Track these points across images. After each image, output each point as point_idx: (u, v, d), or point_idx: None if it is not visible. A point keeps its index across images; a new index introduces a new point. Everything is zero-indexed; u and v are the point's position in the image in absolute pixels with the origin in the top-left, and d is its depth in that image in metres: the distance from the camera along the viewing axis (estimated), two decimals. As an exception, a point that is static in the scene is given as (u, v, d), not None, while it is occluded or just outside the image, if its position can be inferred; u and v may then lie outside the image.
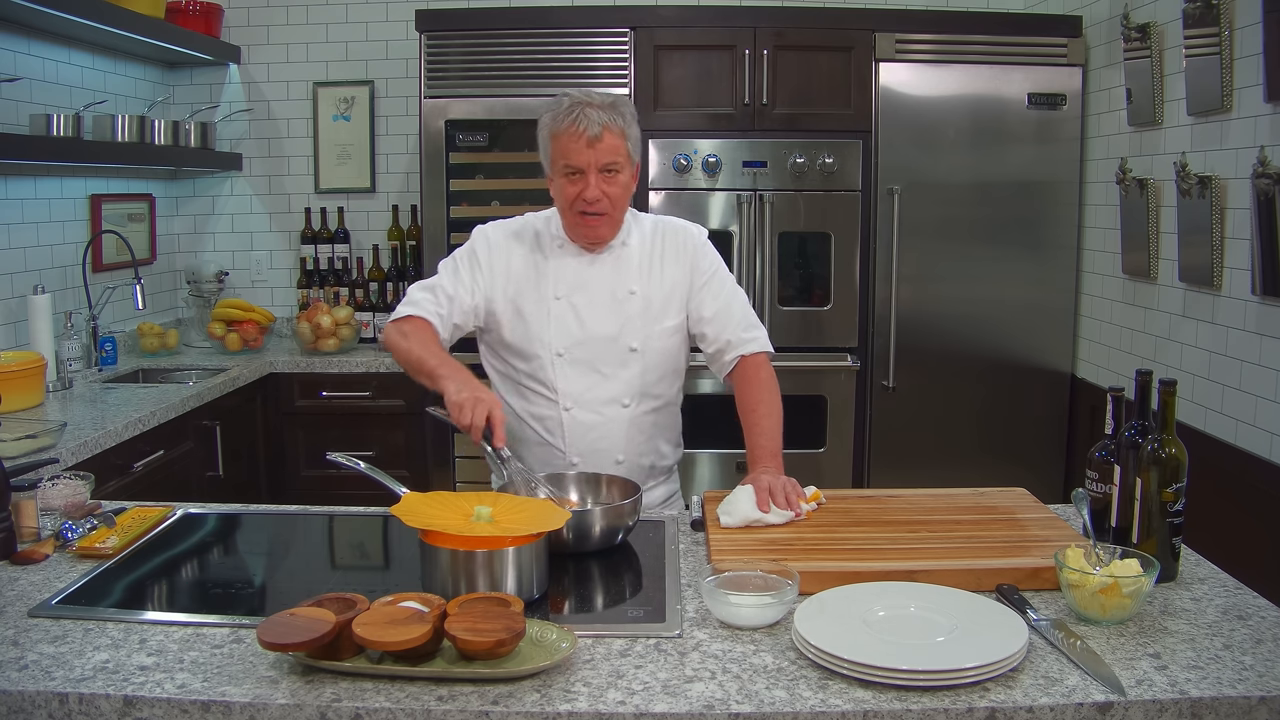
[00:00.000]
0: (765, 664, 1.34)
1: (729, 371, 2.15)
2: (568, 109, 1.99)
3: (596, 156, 1.98)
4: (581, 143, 1.97)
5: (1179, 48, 3.04)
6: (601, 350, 2.10)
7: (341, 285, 4.29)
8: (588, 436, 2.11)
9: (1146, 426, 1.60)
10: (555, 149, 2.02)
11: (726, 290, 2.16)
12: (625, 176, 2.05)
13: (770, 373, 2.13)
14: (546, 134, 2.04)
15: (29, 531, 1.77)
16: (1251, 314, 2.75)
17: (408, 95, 4.28)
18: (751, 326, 2.15)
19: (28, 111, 3.27)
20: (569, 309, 2.10)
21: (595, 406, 2.10)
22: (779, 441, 2.04)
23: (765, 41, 3.65)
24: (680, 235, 2.18)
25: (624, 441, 2.12)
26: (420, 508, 1.59)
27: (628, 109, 2.05)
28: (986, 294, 3.75)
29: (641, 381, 2.12)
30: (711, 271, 2.16)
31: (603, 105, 2.00)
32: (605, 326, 2.10)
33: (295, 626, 1.28)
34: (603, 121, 1.97)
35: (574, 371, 2.10)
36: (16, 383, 2.86)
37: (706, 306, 2.14)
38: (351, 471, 1.79)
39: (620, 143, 2.01)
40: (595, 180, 2.00)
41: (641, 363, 2.12)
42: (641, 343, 2.11)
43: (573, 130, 1.98)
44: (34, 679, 1.29)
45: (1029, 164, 3.71)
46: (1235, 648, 1.37)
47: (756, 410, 2.06)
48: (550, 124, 2.02)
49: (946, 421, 3.80)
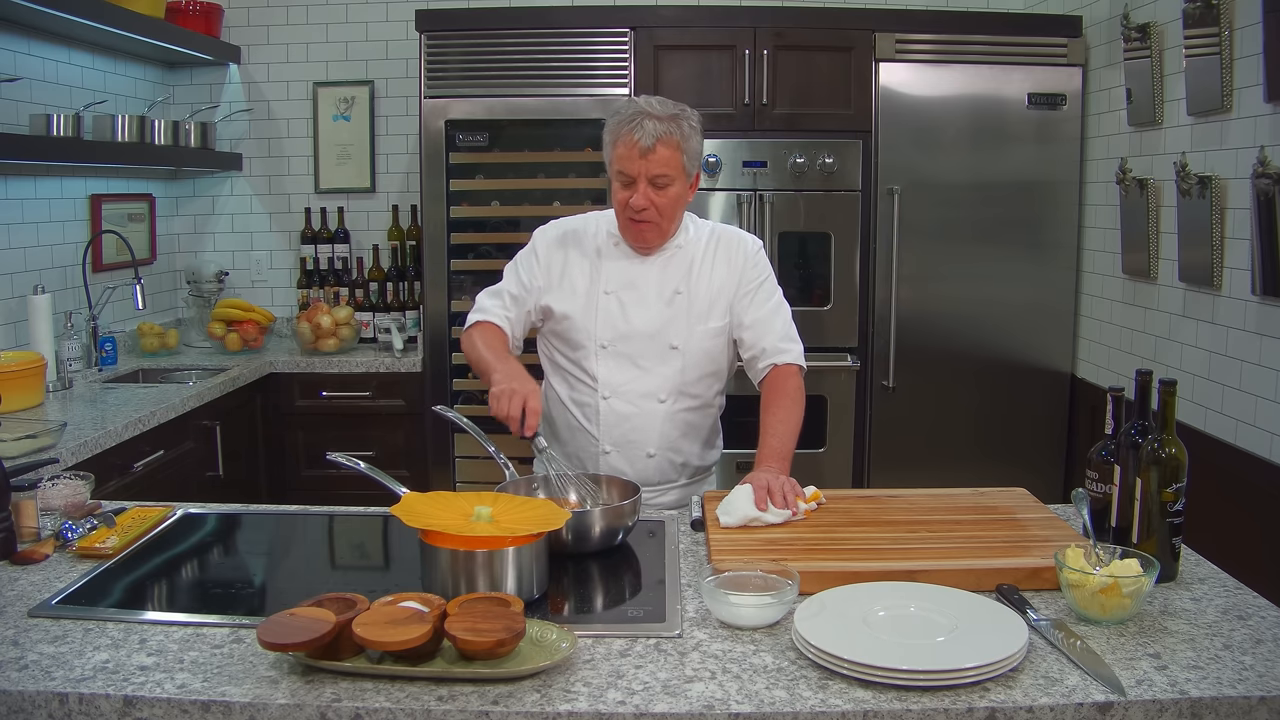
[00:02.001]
0: (765, 664, 1.34)
1: (761, 378, 2.19)
2: (629, 117, 2.04)
3: (647, 167, 2.03)
4: (635, 152, 2.02)
5: (1179, 48, 3.04)
6: (643, 345, 2.16)
7: (341, 285, 4.29)
8: (622, 426, 2.17)
9: (1146, 426, 1.60)
10: (613, 154, 2.08)
11: (772, 302, 2.21)
12: (677, 189, 2.08)
13: (799, 384, 2.17)
14: (609, 138, 2.09)
15: (29, 531, 1.77)
16: (1251, 314, 2.75)
17: (408, 95, 4.28)
18: (790, 339, 2.20)
19: (28, 111, 3.27)
20: (616, 304, 2.17)
21: (632, 399, 2.17)
22: (789, 445, 2.06)
23: (765, 41, 3.65)
24: (735, 243, 2.24)
25: (657, 435, 2.18)
26: (420, 508, 1.59)
27: (689, 121, 2.08)
28: (986, 294, 3.75)
29: (680, 379, 2.17)
30: (759, 281, 2.21)
31: (662, 116, 2.03)
32: (649, 323, 2.16)
33: (295, 626, 1.28)
34: (658, 134, 2.01)
35: (615, 363, 2.17)
36: (16, 383, 2.86)
37: (749, 313, 2.19)
38: (351, 471, 1.80)
39: (675, 155, 2.04)
40: (644, 189, 2.05)
41: (681, 361, 2.17)
42: (683, 341, 2.16)
43: (629, 139, 2.03)
44: (34, 679, 1.29)
45: (1029, 164, 3.71)
46: (1235, 648, 1.37)
47: (775, 414, 2.10)
48: (612, 129, 2.08)
49: (946, 422, 3.80)
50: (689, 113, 2.11)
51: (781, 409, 2.10)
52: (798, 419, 2.11)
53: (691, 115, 2.11)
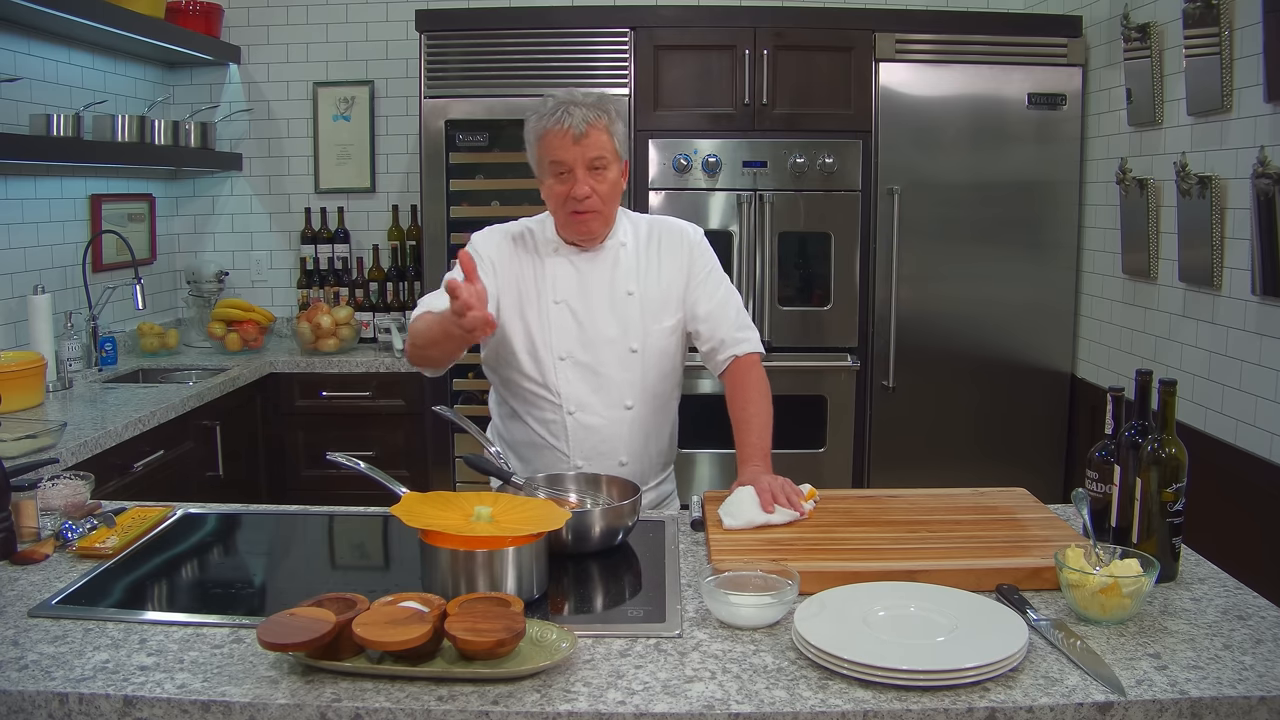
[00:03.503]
0: (765, 664, 1.34)
1: (722, 370, 2.16)
2: (552, 109, 1.99)
3: (583, 152, 1.98)
4: (568, 139, 1.97)
5: (1179, 48, 3.04)
6: (603, 353, 2.09)
7: (341, 285, 4.29)
8: (591, 440, 2.10)
9: (1146, 426, 1.60)
10: (542, 149, 2.02)
11: (722, 290, 2.17)
12: (613, 173, 2.04)
13: (761, 374, 2.13)
14: (534, 135, 2.03)
15: (29, 531, 1.77)
16: (1251, 314, 2.75)
17: (408, 95, 4.28)
18: (744, 327, 2.16)
19: (28, 111, 3.27)
20: (568, 313, 2.09)
21: (599, 410, 2.10)
22: (769, 441, 2.05)
23: (765, 41, 3.65)
24: (676, 234, 2.18)
25: (628, 442, 2.12)
26: (420, 508, 1.59)
27: (613, 106, 2.05)
28: (986, 294, 3.75)
29: (644, 382, 2.12)
30: (707, 271, 2.17)
31: (587, 103, 2.00)
32: (606, 329, 2.09)
33: (295, 626, 1.28)
34: (588, 119, 1.97)
35: (576, 374, 2.09)
36: (16, 383, 2.86)
37: (701, 305, 2.14)
38: (351, 471, 1.79)
39: (606, 138, 2.00)
40: (583, 176, 1.99)
41: (642, 363, 2.11)
42: (641, 343, 2.11)
43: (559, 129, 1.97)
44: (34, 679, 1.29)
45: (1029, 164, 3.71)
46: (1235, 648, 1.37)
47: (746, 410, 2.07)
48: (536, 125, 2.02)
49: (946, 421, 3.80)
50: (611, 98, 2.07)
51: (753, 404, 2.07)
52: (770, 411, 2.09)
53: (614, 101, 2.07)
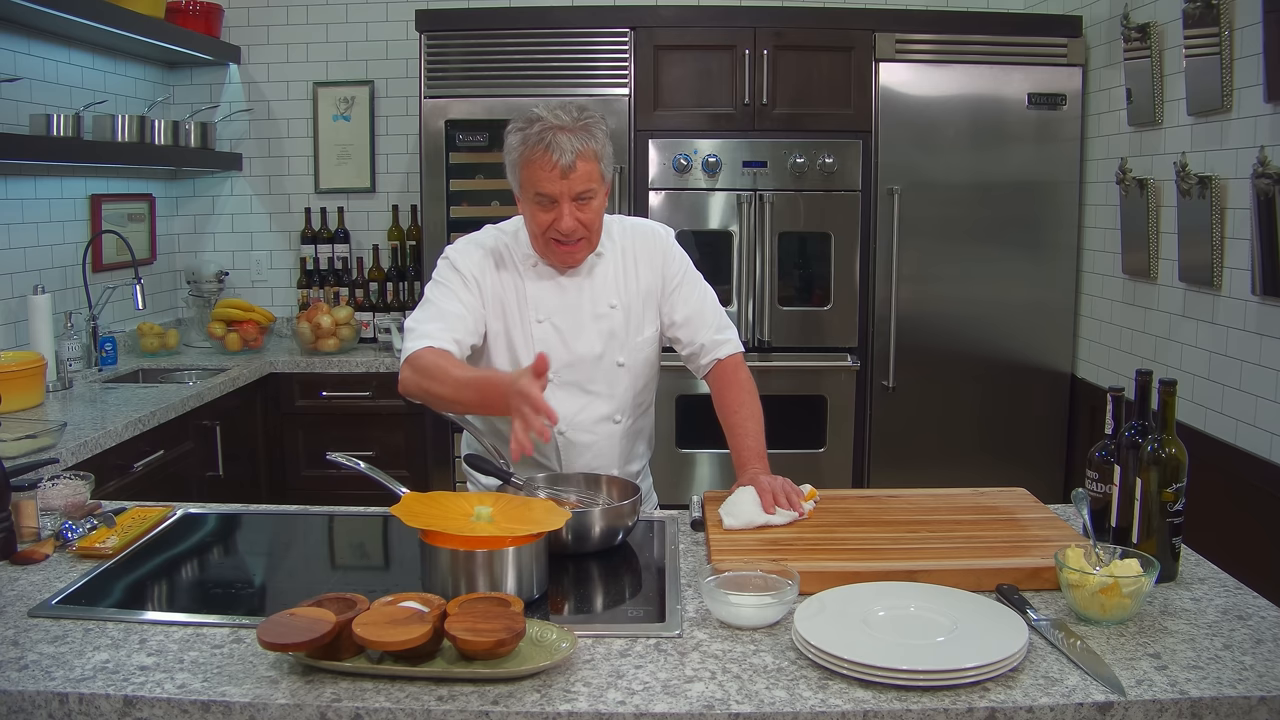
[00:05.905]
0: (765, 664, 1.34)
1: (705, 373, 2.15)
2: (538, 135, 1.87)
3: (570, 186, 1.88)
4: (555, 173, 1.87)
5: (1179, 48, 3.04)
6: (590, 370, 2.06)
7: (341, 285, 4.29)
8: (583, 456, 2.08)
9: (1146, 426, 1.60)
10: (525, 175, 1.91)
11: (697, 292, 2.14)
12: (600, 199, 1.96)
13: (747, 374, 2.12)
14: (516, 158, 1.92)
15: (29, 531, 1.77)
16: (1251, 314, 2.75)
17: (408, 95, 4.28)
18: (724, 328, 2.14)
19: (28, 111, 3.27)
20: (552, 331, 2.03)
21: (588, 426, 2.07)
22: (763, 442, 2.03)
23: (765, 41, 3.65)
24: (649, 238, 2.13)
25: (617, 455, 2.12)
26: (420, 508, 1.59)
27: (599, 127, 1.93)
28: (986, 294, 3.75)
29: (632, 395, 2.11)
30: (682, 274, 2.13)
31: (574, 128, 1.88)
32: (591, 345, 2.05)
33: (295, 626, 1.28)
34: (575, 149, 1.86)
35: (564, 393, 2.03)
36: (16, 383, 2.86)
37: (679, 310, 2.11)
38: (351, 471, 1.80)
39: (594, 166, 1.90)
40: (569, 210, 1.90)
41: (629, 376, 2.09)
42: (627, 356, 2.08)
43: (544, 160, 1.87)
44: (34, 679, 1.29)
45: (1029, 164, 3.71)
46: (1235, 648, 1.37)
47: (739, 413, 2.05)
48: (520, 150, 1.91)
49: (947, 421, 3.80)
50: (594, 114, 1.94)
51: (744, 406, 2.06)
52: (760, 410, 2.07)
53: (597, 117, 1.94)
